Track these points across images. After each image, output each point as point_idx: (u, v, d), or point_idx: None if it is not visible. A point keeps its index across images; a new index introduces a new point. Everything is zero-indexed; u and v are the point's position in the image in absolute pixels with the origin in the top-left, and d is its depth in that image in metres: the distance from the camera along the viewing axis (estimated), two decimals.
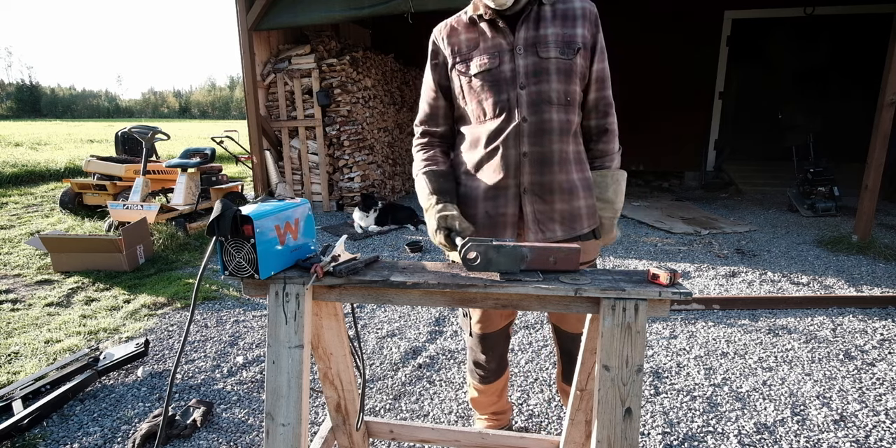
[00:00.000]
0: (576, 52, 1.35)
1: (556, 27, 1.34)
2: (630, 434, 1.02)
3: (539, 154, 1.37)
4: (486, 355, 1.67)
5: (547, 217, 1.40)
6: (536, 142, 1.36)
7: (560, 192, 1.39)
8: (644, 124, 7.83)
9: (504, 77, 1.35)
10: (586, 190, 1.44)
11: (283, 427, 1.11)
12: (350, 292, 1.12)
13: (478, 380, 1.75)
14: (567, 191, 1.40)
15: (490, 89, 1.37)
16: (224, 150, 6.78)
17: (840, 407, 2.06)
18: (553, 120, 1.36)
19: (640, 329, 1.01)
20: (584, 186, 1.43)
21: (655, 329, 2.77)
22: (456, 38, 1.41)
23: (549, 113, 1.35)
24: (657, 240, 4.64)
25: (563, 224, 1.41)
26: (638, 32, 7.33)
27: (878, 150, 4.10)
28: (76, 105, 53.28)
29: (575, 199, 1.41)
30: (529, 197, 1.40)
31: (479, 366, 1.71)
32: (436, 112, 1.50)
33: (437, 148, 1.51)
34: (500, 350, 1.70)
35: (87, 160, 5.92)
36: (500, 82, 1.36)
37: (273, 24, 5.17)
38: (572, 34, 1.35)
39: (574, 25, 1.35)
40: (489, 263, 1.08)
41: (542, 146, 1.36)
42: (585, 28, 1.36)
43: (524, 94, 1.35)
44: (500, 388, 1.81)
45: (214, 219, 1.01)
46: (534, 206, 1.40)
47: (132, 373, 2.38)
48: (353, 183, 5.87)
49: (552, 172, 1.38)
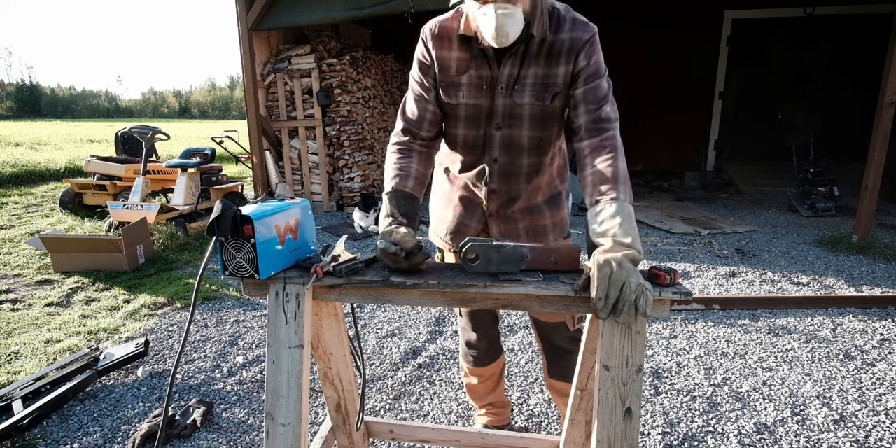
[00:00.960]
0: (553, 96, 1.30)
1: (539, 67, 1.28)
2: (630, 434, 1.02)
3: (506, 191, 1.45)
4: (476, 333, 1.73)
5: (512, 233, 1.49)
6: (504, 180, 1.43)
7: (523, 213, 1.48)
8: (644, 124, 7.82)
9: (483, 113, 1.35)
10: (552, 208, 1.50)
11: (283, 427, 1.11)
12: (350, 292, 1.12)
13: (471, 362, 1.79)
14: (530, 211, 1.48)
15: (468, 122, 1.38)
16: (224, 150, 6.77)
17: (840, 407, 2.06)
18: (523, 164, 1.40)
19: (641, 329, 1.01)
20: (550, 205, 1.50)
21: (655, 329, 2.77)
22: (447, 53, 1.33)
23: (519, 158, 1.39)
24: (657, 240, 4.64)
25: (527, 238, 1.48)
26: (638, 32, 7.32)
27: (878, 150, 4.09)
28: (76, 105, 53.26)
29: (540, 219, 1.49)
30: (495, 219, 1.49)
31: (470, 345, 1.76)
32: (423, 116, 1.39)
33: (415, 153, 1.39)
34: (489, 330, 1.74)
35: (87, 160, 5.92)
36: (480, 118, 1.37)
37: (273, 24, 5.17)
38: (554, 75, 1.28)
39: (557, 64, 1.27)
40: (489, 263, 1.08)
41: (509, 184, 1.44)
42: (570, 64, 1.27)
43: (497, 136, 1.37)
44: (495, 375, 1.83)
45: (214, 219, 1.01)
46: (499, 227, 1.49)
47: (132, 373, 2.37)
48: (353, 183, 5.87)
49: (517, 201, 1.46)
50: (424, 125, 1.40)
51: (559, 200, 1.51)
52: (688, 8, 7.14)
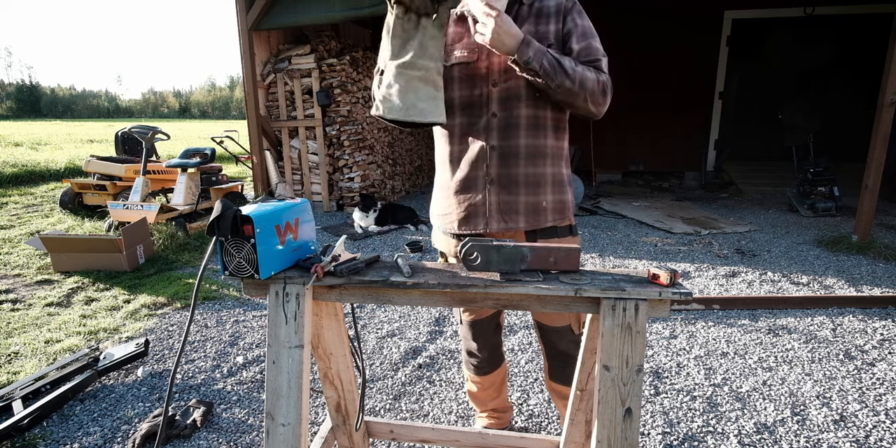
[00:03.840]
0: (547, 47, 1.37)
1: (531, 25, 1.38)
2: (630, 434, 1.02)
3: (507, 147, 1.41)
4: (476, 343, 1.71)
5: (511, 208, 1.44)
6: (504, 136, 1.40)
7: (525, 184, 1.43)
8: (644, 124, 7.84)
9: (479, 73, 1.39)
10: (557, 186, 1.46)
11: (283, 427, 1.11)
12: (350, 292, 1.12)
13: (473, 370, 1.78)
14: (533, 183, 1.43)
15: (464, 83, 1.41)
16: (224, 150, 6.78)
17: (840, 407, 2.06)
18: (521, 115, 1.40)
19: (641, 329, 1.01)
20: (555, 182, 1.46)
21: (655, 329, 2.77)
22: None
23: (518, 109, 1.39)
24: (657, 240, 4.64)
25: (526, 215, 1.44)
26: (638, 32, 7.33)
27: (878, 150, 4.10)
28: (76, 105, 53.29)
29: (542, 193, 1.44)
30: (495, 188, 1.43)
31: (471, 354, 1.75)
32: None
33: None
34: (490, 339, 1.72)
35: (87, 160, 5.92)
36: (475, 78, 1.40)
37: (273, 24, 5.17)
38: (545, 31, 1.37)
39: (547, 22, 1.38)
40: (489, 263, 1.08)
41: (509, 140, 1.40)
42: (559, 23, 1.38)
43: (495, 91, 1.39)
44: (497, 383, 1.82)
45: (214, 219, 1.01)
46: (499, 197, 1.43)
47: (132, 373, 2.37)
48: (353, 183, 5.87)
49: (518, 165, 1.42)
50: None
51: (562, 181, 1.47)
52: (688, 8, 7.15)
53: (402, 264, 1.14)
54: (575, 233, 1.56)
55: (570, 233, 1.54)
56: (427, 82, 1.30)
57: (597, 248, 4.37)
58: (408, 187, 7.23)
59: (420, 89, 1.29)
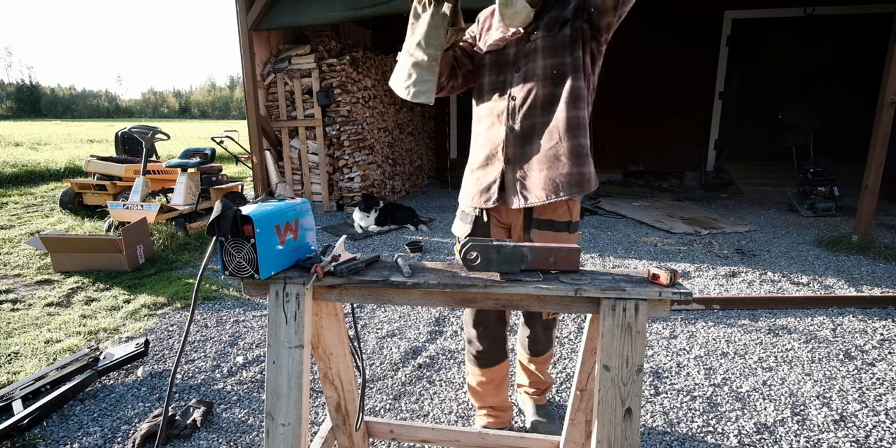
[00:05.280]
0: (562, 25, 1.44)
1: (553, 11, 1.48)
2: (630, 434, 1.02)
3: (525, 128, 1.51)
4: (476, 330, 1.74)
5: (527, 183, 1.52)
6: (523, 117, 1.50)
7: (541, 160, 1.50)
8: (644, 124, 7.84)
9: (507, 60, 1.53)
10: (575, 158, 1.48)
11: (283, 427, 1.11)
12: (350, 292, 1.12)
13: (473, 361, 1.80)
14: (552, 158, 1.49)
15: (492, 69, 1.55)
16: (224, 150, 6.77)
17: (840, 407, 2.06)
18: (538, 95, 1.48)
19: (641, 329, 1.01)
20: (574, 154, 1.48)
21: (655, 329, 2.77)
22: (489, 21, 1.63)
23: (535, 89, 1.48)
24: (657, 240, 4.64)
25: (543, 189, 1.50)
26: (638, 32, 7.30)
27: (878, 150, 4.10)
28: (76, 105, 53.31)
29: (560, 167, 1.48)
30: (512, 166, 1.53)
31: (471, 342, 1.78)
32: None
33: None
34: (494, 330, 1.74)
35: (87, 160, 5.92)
36: (502, 64, 1.53)
37: (273, 24, 5.17)
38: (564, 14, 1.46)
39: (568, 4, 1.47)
40: (489, 263, 1.08)
41: (526, 120, 1.50)
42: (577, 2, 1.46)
43: (517, 76, 1.51)
44: (497, 379, 1.82)
45: (214, 219, 1.01)
46: (515, 174, 1.53)
47: (132, 373, 2.37)
48: (353, 183, 5.87)
49: (534, 143, 1.51)
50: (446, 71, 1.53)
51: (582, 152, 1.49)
52: (688, 8, 7.15)
53: (402, 264, 1.14)
54: (573, 230, 1.58)
55: (568, 229, 1.56)
56: (422, 67, 1.44)
57: (597, 248, 4.37)
58: (408, 187, 7.23)
59: (414, 73, 1.46)
